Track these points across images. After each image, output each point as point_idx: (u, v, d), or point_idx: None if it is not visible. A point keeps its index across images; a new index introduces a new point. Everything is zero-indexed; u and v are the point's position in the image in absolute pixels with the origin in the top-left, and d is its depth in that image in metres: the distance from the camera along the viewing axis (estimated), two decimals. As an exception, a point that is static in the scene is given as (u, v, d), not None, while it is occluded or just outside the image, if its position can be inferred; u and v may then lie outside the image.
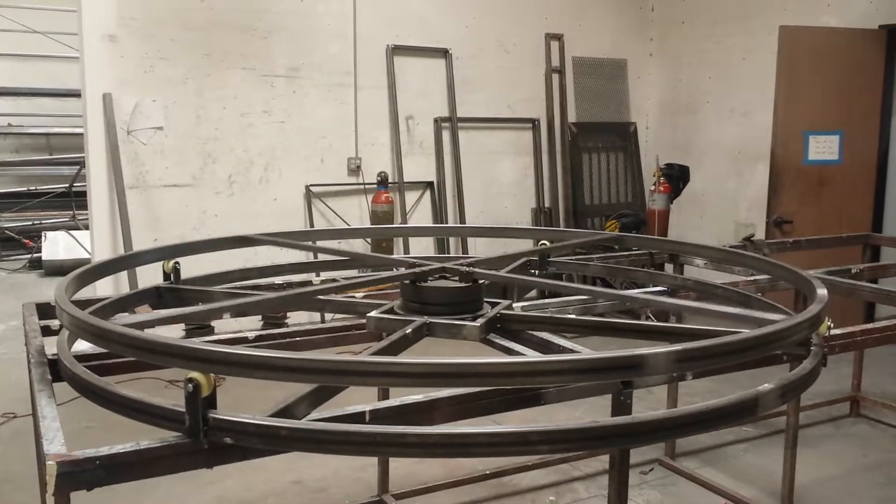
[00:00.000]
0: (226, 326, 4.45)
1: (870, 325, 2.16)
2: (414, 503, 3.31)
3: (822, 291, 1.80)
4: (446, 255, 6.04)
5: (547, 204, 7.18)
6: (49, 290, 2.00)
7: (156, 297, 2.23)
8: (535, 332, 1.87)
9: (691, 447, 3.97)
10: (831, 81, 5.58)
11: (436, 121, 6.64)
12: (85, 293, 2.14)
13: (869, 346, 2.16)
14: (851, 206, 5.73)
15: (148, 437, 1.30)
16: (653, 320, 3.37)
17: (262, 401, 1.39)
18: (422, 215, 6.65)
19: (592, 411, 3.89)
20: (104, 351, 1.76)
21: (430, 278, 1.98)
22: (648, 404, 4.05)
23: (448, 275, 2.02)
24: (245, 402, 2.03)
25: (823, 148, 5.67)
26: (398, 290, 2.02)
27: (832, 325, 1.80)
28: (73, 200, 9.81)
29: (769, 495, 3.46)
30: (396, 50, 6.41)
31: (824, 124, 5.63)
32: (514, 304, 2.08)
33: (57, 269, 8.43)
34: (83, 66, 5.39)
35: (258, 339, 2.08)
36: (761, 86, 6.14)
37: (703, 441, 4.03)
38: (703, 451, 3.97)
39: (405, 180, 6.50)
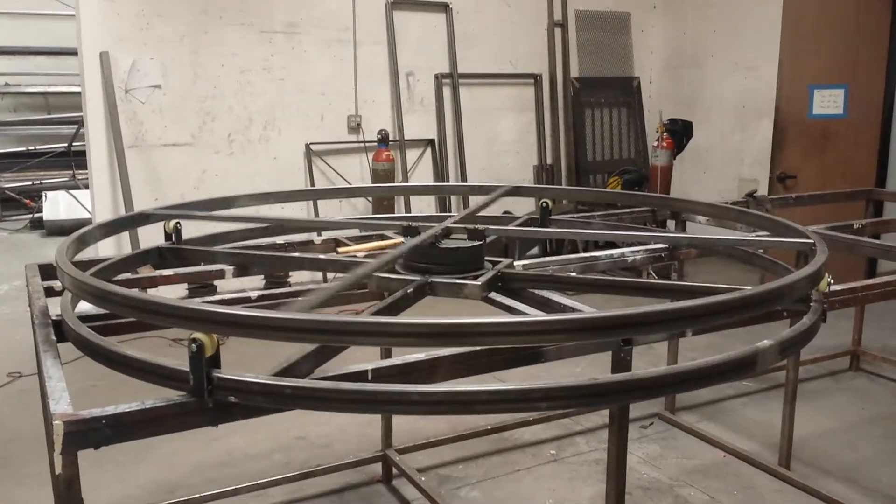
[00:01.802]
0: (228, 286, 4.47)
1: (870, 281, 2.15)
2: (417, 457, 3.37)
3: (822, 247, 1.80)
4: (448, 214, 6.03)
5: (549, 161, 7.15)
6: (51, 250, 2.01)
7: (157, 257, 2.24)
8: (536, 291, 1.87)
9: (691, 401, 4.01)
10: (837, 34, 5.51)
11: (436, 77, 6.57)
12: (87, 254, 2.15)
13: (869, 301, 2.16)
14: (855, 161, 5.69)
15: (153, 396, 1.31)
16: (654, 277, 3.38)
17: (264, 358, 1.40)
18: (423, 173, 6.62)
19: (593, 366, 3.92)
20: (108, 311, 1.76)
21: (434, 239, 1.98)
22: (649, 359, 4.08)
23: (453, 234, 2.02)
24: (248, 360, 2.05)
25: (828, 102, 5.62)
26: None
27: (832, 281, 1.81)
28: (73, 160, 9.79)
29: (768, 448, 3.51)
30: (396, 4, 6.31)
31: (829, 78, 5.57)
32: (516, 263, 2.08)
33: (58, 229, 8.45)
34: (79, 24, 5.32)
35: (261, 298, 2.08)
36: (766, 39, 6.06)
37: (702, 395, 4.07)
38: (702, 405, 4.01)
39: (406, 138, 6.46)
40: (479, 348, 1.53)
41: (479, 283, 1.78)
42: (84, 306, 1.73)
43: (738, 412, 3.98)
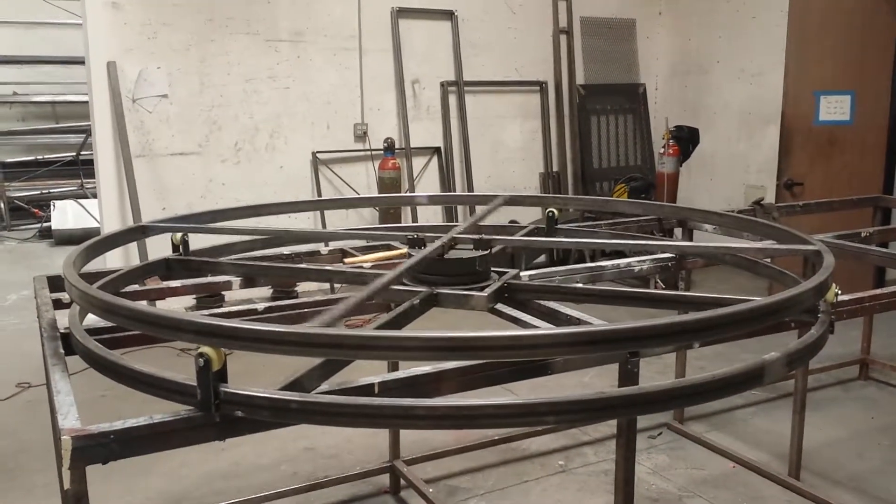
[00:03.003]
0: (236, 296, 4.48)
1: (878, 291, 2.14)
2: (425, 468, 3.36)
3: (829, 258, 1.79)
4: (453, 224, 6.02)
5: (555, 168, 7.15)
6: (59, 259, 2.02)
7: (165, 268, 2.24)
8: (542, 302, 1.87)
9: (700, 411, 3.99)
10: (843, 40, 5.49)
11: (442, 85, 6.59)
12: (95, 265, 2.16)
13: (877, 311, 2.15)
14: (862, 168, 5.66)
15: (160, 409, 1.31)
16: (661, 288, 3.36)
17: (271, 366, 1.40)
18: (429, 181, 6.63)
19: (601, 375, 3.92)
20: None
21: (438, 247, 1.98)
22: (657, 368, 4.07)
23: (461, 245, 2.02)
24: (255, 370, 2.05)
25: (834, 108, 5.60)
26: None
27: (839, 291, 1.80)
28: (81, 169, 9.83)
29: (777, 458, 3.49)
30: (401, 12, 6.33)
31: (835, 84, 5.55)
32: (522, 274, 2.08)
33: (67, 239, 8.47)
34: (86, 33, 5.36)
35: (267, 310, 2.08)
36: (772, 45, 6.05)
37: (711, 405, 4.04)
38: (711, 415, 3.99)
39: (412, 146, 6.47)
40: (485, 361, 1.53)
41: (486, 294, 1.78)
42: (93, 318, 1.73)
43: (747, 422, 3.96)
